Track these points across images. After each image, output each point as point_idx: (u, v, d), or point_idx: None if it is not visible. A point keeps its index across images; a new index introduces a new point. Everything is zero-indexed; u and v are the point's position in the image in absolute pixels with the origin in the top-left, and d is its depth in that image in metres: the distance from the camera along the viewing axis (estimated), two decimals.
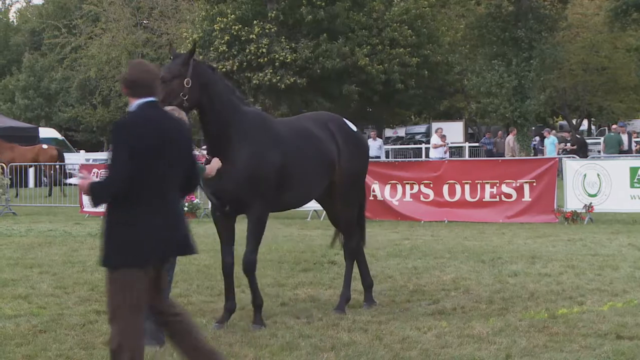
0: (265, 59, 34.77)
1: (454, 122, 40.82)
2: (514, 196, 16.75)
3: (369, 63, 35.93)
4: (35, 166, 28.64)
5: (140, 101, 5.12)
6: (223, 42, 35.04)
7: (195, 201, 18.49)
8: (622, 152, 25.95)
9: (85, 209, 20.07)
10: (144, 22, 48.67)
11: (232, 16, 35.09)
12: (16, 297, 9.08)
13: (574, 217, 16.14)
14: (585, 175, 16.66)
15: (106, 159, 5.51)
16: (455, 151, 37.36)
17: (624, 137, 27.76)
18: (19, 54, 58.82)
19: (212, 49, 35.14)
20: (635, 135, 31.18)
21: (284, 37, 35.18)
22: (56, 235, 15.73)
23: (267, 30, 34.89)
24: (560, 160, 17.47)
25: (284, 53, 34.50)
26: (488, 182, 16.97)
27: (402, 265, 11.06)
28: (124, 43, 46.92)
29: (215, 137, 7.55)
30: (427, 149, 31.04)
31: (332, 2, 35.26)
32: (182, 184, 5.26)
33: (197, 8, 40.05)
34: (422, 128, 50.79)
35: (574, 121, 53.53)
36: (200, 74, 7.40)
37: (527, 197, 16.64)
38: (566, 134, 42.08)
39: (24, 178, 27.63)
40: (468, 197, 17.11)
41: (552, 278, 9.81)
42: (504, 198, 16.85)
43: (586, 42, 45.62)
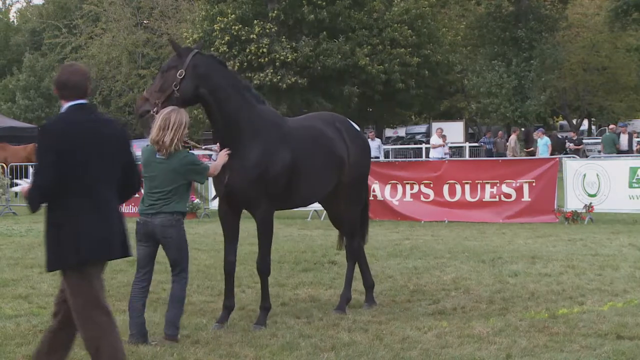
0: (266, 59, 34.76)
1: (454, 122, 40.79)
2: (514, 196, 16.76)
3: (370, 63, 35.94)
4: (35, 166, 28.59)
5: (70, 104, 5.10)
6: (223, 42, 35.04)
7: (195, 201, 18.47)
8: (619, 152, 25.95)
9: None
10: (144, 22, 48.60)
11: (233, 16, 35.07)
12: (16, 297, 9.08)
13: (574, 217, 16.14)
14: (585, 175, 16.67)
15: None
16: (456, 151, 37.36)
17: (625, 137, 27.77)
18: (19, 54, 58.76)
19: (212, 49, 35.10)
20: (636, 135, 31.16)
21: (284, 36, 35.17)
22: None
23: (267, 30, 34.87)
24: (561, 160, 17.48)
25: (285, 52, 34.49)
26: (488, 182, 16.98)
27: (403, 265, 11.06)
28: (124, 43, 46.88)
29: (223, 130, 7.47)
30: (428, 149, 31.02)
31: (333, 1, 35.26)
32: (120, 185, 5.21)
33: (197, 8, 40.03)
34: (422, 128, 50.84)
35: (574, 121, 53.54)
36: (198, 65, 7.34)
37: (526, 197, 16.65)
38: (572, 133, 42.15)
39: (24, 178, 27.58)
40: (468, 197, 17.12)
41: (553, 278, 9.81)
42: (503, 198, 16.86)
43: (586, 42, 45.64)
